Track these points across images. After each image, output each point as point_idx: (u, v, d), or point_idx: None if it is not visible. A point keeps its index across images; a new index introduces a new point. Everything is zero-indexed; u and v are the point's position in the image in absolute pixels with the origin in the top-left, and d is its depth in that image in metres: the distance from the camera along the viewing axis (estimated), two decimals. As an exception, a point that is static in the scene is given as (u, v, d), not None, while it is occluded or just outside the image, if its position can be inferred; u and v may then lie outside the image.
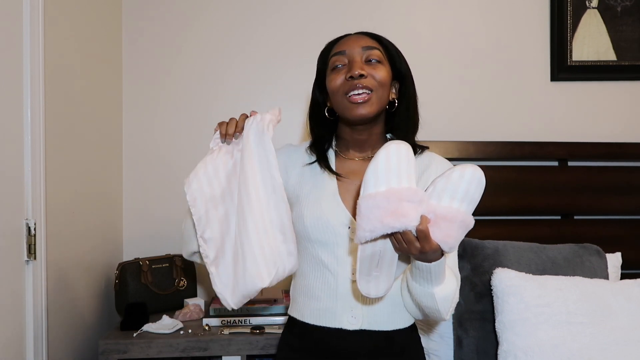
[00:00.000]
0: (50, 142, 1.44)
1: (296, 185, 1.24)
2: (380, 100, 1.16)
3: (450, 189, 0.93)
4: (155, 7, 2.03)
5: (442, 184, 0.93)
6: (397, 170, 0.93)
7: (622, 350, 1.39)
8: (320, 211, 1.17)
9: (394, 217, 0.91)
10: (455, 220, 0.93)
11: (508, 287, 1.47)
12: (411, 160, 0.94)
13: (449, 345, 1.60)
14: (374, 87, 1.14)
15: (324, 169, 1.22)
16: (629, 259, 1.84)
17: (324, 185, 1.21)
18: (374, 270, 1.01)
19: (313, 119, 1.27)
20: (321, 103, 1.25)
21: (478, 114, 2.06)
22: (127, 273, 1.79)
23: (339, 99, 1.17)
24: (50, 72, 1.44)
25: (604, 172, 1.97)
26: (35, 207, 1.35)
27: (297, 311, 1.23)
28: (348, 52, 1.16)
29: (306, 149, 1.28)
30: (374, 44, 1.18)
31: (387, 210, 0.92)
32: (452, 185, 0.93)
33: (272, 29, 2.04)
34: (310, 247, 1.19)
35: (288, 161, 1.27)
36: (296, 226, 1.22)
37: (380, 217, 0.92)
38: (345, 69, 1.16)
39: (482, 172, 0.93)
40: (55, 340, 1.48)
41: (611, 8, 2.04)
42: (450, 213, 0.93)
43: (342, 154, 1.26)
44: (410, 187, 0.93)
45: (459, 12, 2.06)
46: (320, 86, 1.25)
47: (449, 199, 0.93)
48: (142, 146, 2.03)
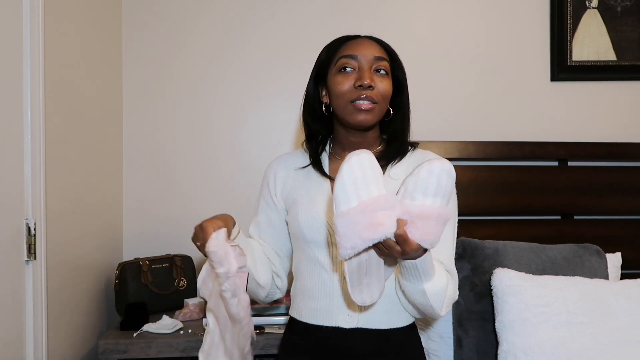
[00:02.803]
0: (50, 142, 1.44)
1: (292, 189, 1.26)
2: (381, 112, 1.20)
3: (421, 187, 0.92)
4: (155, 7, 2.02)
5: (413, 182, 0.93)
6: (364, 180, 0.93)
7: (622, 351, 1.39)
8: (314, 212, 1.18)
9: (371, 229, 0.92)
10: (432, 217, 0.93)
11: (508, 287, 1.47)
12: (375, 166, 0.95)
13: (449, 345, 1.60)
14: (378, 100, 1.16)
15: (317, 172, 1.24)
16: (629, 259, 1.84)
17: (318, 187, 1.22)
18: (363, 279, 1.02)
19: (307, 112, 1.28)
20: (317, 96, 1.25)
21: (478, 114, 2.06)
22: (127, 273, 1.79)
23: (342, 104, 1.18)
24: (50, 72, 1.44)
25: (604, 172, 1.97)
26: (35, 207, 1.35)
27: (297, 311, 1.24)
28: (360, 58, 1.17)
29: (302, 149, 1.30)
30: (384, 55, 1.20)
31: (363, 224, 0.92)
32: (423, 182, 0.92)
33: (273, 29, 2.04)
34: (307, 248, 1.21)
35: (280, 170, 1.29)
36: (292, 229, 1.24)
37: (358, 232, 0.92)
38: (354, 75, 1.17)
39: (450, 164, 0.93)
40: (55, 340, 1.47)
41: (611, 8, 2.04)
42: (424, 210, 0.92)
43: (336, 156, 1.27)
44: (381, 195, 0.93)
45: (459, 12, 2.06)
46: (317, 78, 1.25)
47: (421, 196, 0.93)
48: (142, 146, 2.03)
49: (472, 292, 1.57)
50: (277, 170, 1.30)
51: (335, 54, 1.21)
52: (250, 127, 2.05)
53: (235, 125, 2.04)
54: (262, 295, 1.29)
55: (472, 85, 2.06)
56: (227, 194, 2.02)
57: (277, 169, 1.30)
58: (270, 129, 2.04)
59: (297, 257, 1.27)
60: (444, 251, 1.17)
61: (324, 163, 1.26)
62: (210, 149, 2.03)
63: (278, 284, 1.30)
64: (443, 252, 1.17)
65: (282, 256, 1.31)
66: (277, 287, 1.31)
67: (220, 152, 2.04)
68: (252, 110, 2.05)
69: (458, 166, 1.93)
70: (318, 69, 1.25)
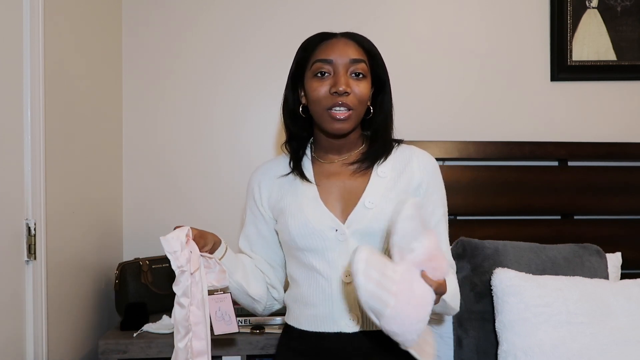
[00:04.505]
0: (50, 142, 1.44)
1: (278, 198, 1.24)
2: (359, 117, 1.18)
3: (407, 237, 0.96)
4: (155, 8, 2.02)
5: (400, 239, 0.96)
6: (383, 275, 0.94)
7: (622, 351, 1.40)
8: (304, 219, 1.16)
9: (422, 307, 0.95)
10: (435, 249, 0.97)
11: (508, 287, 1.47)
12: (378, 257, 0.96)
13: (449, 345, 1.60)
14: (354, 106, 1.14)
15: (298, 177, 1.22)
16: (629, 259, 1.83)
17: (304, 192, 1.20)
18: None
19: (286, 113, 1.26)
20: (296, 98, 1.24)
21: (478, 114, 2.05)
22: (127, 273, 1.79)
23: (319, 111, 1.16)
24: (50, 72, 1.44)
25: (604, 172, 1.97)
26: (35, 207, 1.35)
27: (294, 319, 1.22)
28: (335, 62, 1.14)
29: (283, 154, 1.29)
30: (360, 56, 1.16)
31: (413, 311, 0.94)
32: (403, 232, 0.95)
33: (273, 29, 2.04)
34: (301, 255, 1.19)
35: (263, 180, 1.28)
36: (283, 237, 1.22)
37: (415, 318, 0.94)
38: (329, 80, 1.14)
39: (405, 199, 0.97)
40: (55, 340, 1.47)
41: (611, 8, 2.04)
42: (424, 252, 0.96)
43: (319, 159, 1.25)
44: (401, 275, 0.95)
45: (459, 12, 2.06)
46: (295, 79, 1.23)
47: (415, 242, 0.96)
48: (142, 146, 2.03)
49: (472, 292, 1.57)
50: (260, 180, 1.28)
51: (311, 56, 1.18)
52: (250, 127, 2.05)
53: (235, 125, 2.04)
54: (259, 309, 1.28)
55: (472, 85, 2.06)
56: (227, 194, 2.02)
57: (260, 179, 1.28)
58: (270, 129, 2.04)
59: (291, 264, 1.25)
60: (442, 244, 1.19)
61: (306, 167, 1.24)
62: (210, 149, 2.03)
63: (275, 295, 1.29)
64: (441, 245, 1.18)
65: (275, 267, 1.30)
66: (274, 299, 1.30)
67: (220, 152, 2.04)
68: (252, 110, 2.04)
69: (458, 166, 1.94)
70: (295, 70, 1.23)
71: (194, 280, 1.05)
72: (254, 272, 1.26)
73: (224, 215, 2.00)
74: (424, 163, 1.22)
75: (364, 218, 1.15)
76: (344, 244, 1.14)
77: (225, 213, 2.01)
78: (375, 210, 1.15)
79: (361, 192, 1.18)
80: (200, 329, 1.05)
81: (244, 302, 1.25)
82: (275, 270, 1.30)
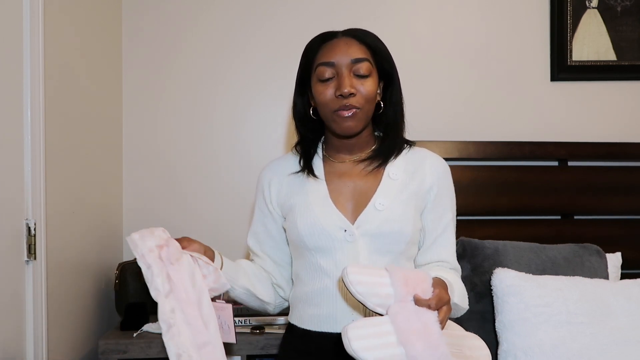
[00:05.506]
0: (50, 142, 1.44)
1: (287, 195, 1.24)
2: (367, 115, 1.17)
3: (373, 290, 0.93)
4: (155, 7, 2.02)
5: (372, 299, 0.93)
6: (385, 348, 0.90)
7: (622, 351, 1.40)
8: (313, 217, 1.16)
9: (431, 342, 0.90)
10: (401, 279, 0.94)
11: (508, 287, 1.47)
12: (372, 332, 0.92)
13: (449, 345, 1.60)
14: (361, 105, 1.14)
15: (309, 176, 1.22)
16: (629, 259, 1.84)
17: (315, 191, 1.20)
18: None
19: (296, 116, 1.26)
20: (304, 103, 1.24)
21: (478, 114, 2.06)
22: (127, 273, 1.79)
23: (327, 113, 1.16)
24: (50, 72, 1.44)
25: (604, 172, 1.97)
26: (35, 207, 1.35)
27: (298, 318, 1.22)
28: (337, 63, 1.14)
29: (294, 151, 1.28)
30: (363, 54, 1.15)
31: (425, 352, 0.90)
32: (367, 292, 0.92)
33: (273, 29, 2.04)
34: (308, 254, 1.18)
35: (273, 177, 1.27)
36: (291, 235, 1.21)
37: (433, 355, 0.90)
38: (333, 83, 1.14)
39: (340, 278, 0.96)
40: (55, 340, 1.47)
41: (611, 8, 2.04)
42: (398, 285, 0.93)
43: (331, 158, 1.25)
44: (400, 337, 0.90)
45: (459, 12, 2.06)
46: (302, 84, 1.23)
47: (381, 290, 0.93)
48: (142, 146, 2.03)
49: (472, 292, 1.57)
50: (270, 177, 1.27)
51: (313, 59, 1.18)
52: (250, 127, 2.05)
53: (235, 125, 2.04)
54: (270, 310, 1.29)
55: (472, 85, 2.06)
56: (227, 194, 2.02)
57: (270, 176, 1.28)
58: (270, 129, 2.04)
59: (297, 263, 1.25)
60: (449, 248, 1.20)
61: (317, 166, 1.24)
62: (210, 149, 2.04)
63: (282, 294, 1.30)
64: (448, 249, 1.19)
65: (282, 264, 1.29)
66: (282, 298, 1.30)
67: (220, 152, 2.04)
68: (252, 110, 2.04)
69: (458, 166, 1.94)
70: (301, 75, 1.23)
71: (177, 275, 1.03)
72: (257, 274, 1.26)
73: (224, 215, 2.00)
74: (436, 166, 1.22)
75: (374, 220, 1.15)
76: (353, 244, 1.14)
77: (225, 213, 2.01)
78: (386, 212, 1.15)
79: (372, 193, 1.18)
80: (195, 321, 1.02)
81: (254, 305, 1.26)
82: (282, 269, 1.30)
